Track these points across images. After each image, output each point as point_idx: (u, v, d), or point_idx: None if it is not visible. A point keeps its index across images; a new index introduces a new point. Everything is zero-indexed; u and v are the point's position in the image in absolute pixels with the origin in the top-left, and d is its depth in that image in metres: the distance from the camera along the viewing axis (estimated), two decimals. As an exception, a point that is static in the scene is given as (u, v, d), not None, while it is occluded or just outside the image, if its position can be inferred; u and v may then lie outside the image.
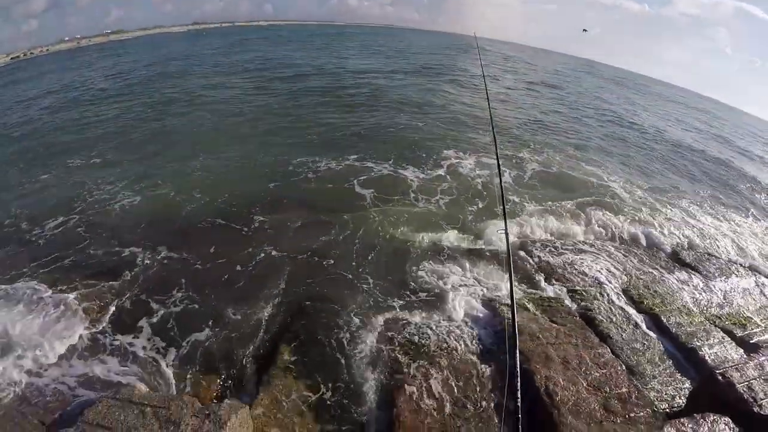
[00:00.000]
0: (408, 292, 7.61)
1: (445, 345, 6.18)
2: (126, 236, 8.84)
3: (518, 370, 1.70)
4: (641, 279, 8.52)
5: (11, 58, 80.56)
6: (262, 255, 8.47)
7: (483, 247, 9.16)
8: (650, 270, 8.98)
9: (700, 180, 17.58)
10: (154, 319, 6.70)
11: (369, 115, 19.07)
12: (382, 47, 56.10)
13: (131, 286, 7.42)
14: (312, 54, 42.24)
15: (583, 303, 7.49)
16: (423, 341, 6.23)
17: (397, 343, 6.18)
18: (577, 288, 7.94)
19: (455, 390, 5.41)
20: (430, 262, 8.51)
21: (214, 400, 5.18)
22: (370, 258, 8.58)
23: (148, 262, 8.12)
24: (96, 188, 11.08)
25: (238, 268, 8.03)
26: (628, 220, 11.10)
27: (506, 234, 4.21)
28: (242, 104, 20.92)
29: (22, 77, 38.96)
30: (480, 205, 11.20)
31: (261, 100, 22.06)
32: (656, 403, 5.36)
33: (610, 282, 8.31)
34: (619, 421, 4.92)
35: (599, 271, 8.60)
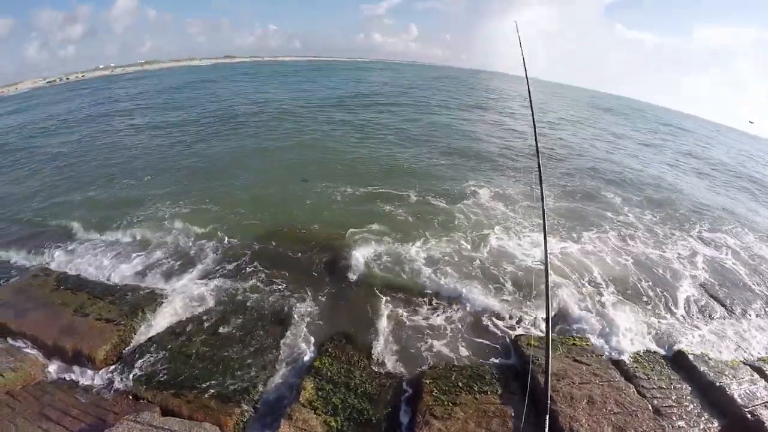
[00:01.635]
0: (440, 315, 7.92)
1: (473, 384, 5.95)
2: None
3: (548, 407, 1.50)
4: (665, 318, 8.20)
5: (47, 83, 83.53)
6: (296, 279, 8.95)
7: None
8: (674, 308, 8.67)
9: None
10: (188, 340, 6.88)
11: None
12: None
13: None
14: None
15: (608, 342, 7.23)
16: (449, 377, 6.08)
17: (426, 384, 5.92)
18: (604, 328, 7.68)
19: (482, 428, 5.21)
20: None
21: (235, 430, 5.22)
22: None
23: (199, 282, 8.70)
24: (151, 204, 12.64)
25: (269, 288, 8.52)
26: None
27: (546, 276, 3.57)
28: (280, 133, 22.35)
29: (58, 100, 41.26)
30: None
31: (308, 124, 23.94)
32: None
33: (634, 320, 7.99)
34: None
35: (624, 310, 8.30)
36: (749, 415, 5.01)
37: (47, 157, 18.63)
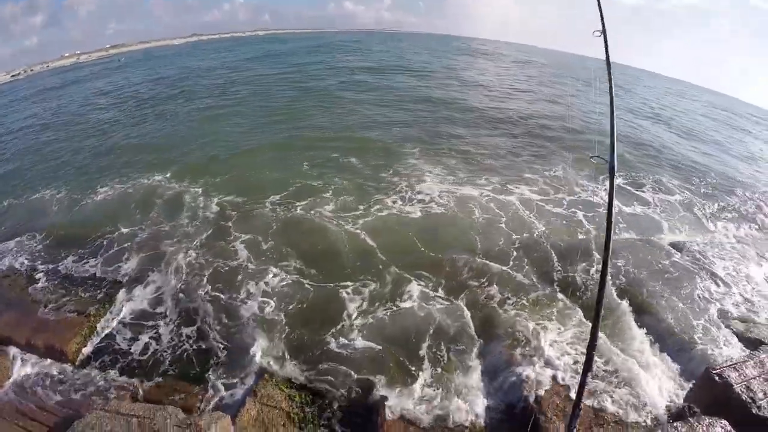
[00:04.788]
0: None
1: (437, 350, 6.12)
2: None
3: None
4: (636, 270, 7.99)
5: (11, 76, 78.17)
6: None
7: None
8: (647, 260, 8.40)
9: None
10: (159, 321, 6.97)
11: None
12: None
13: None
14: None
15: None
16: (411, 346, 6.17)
17: (383, 353, 6.01)
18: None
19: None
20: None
21: (202, 409, 5.27)
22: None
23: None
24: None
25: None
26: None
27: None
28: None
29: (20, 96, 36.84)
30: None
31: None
32: (650, 408, 5.13)
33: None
34: (609, 428, 4.69)
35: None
36: (717, 377, 4.94)
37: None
